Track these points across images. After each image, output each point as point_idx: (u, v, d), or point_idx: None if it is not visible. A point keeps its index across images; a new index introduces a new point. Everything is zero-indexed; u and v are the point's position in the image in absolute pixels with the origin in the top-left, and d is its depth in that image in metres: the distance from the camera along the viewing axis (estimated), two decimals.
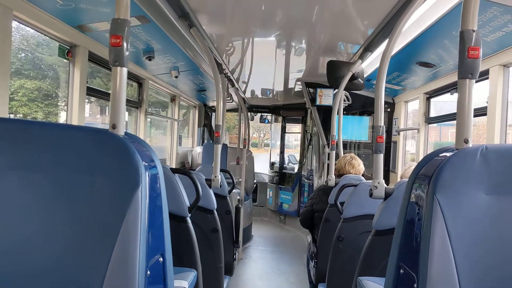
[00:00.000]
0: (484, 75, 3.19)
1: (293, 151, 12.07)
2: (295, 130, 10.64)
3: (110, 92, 1.47)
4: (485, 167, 1.21)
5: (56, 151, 1.30)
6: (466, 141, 1.35)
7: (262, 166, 10.62)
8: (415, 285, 1.22)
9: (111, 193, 1.26)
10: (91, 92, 3.66)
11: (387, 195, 2.42)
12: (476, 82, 1.40)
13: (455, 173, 1.21)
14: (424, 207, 1.24)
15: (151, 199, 1.31)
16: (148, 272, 1.29)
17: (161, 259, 1.41)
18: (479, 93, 3.39)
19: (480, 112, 3.34)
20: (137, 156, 1.27)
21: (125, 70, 1.45)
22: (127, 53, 1.44)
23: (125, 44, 1.43)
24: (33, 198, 1.29)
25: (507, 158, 1.23)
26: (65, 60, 3.27)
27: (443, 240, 1.18)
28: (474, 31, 1.37)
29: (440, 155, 1.33)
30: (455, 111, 1.42)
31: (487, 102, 3.20)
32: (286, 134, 9.99)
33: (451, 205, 1.20)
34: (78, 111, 3.29)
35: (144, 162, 1.29)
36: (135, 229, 1.23)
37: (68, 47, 3.22)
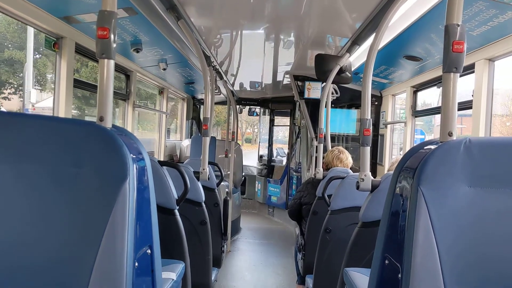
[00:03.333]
0: (470, 69, 3.23)
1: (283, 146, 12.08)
2: (283, 123, 10.66)
3: (97, 84, 1.46)
4: (468, 160, 1.24)
5: (43, 143, 1.30)
6: (450, 134, 1.37)
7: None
8: (399, 276, 1.24)
9: (98, 186, 1.26)
10: (78, 84, 3.63)
11: (374, 187, 2.44)
12: (462, 76, 1.42)
13: (439, 166, 1.23)
14: (409, 199, 1.25)
15: (139, 191, 1.32)
16: (136, 264, 1.29)
17: (149, 251, 1.42)
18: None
19: (466, 105, 3.38)
20: (125, 148, 1.27)
21: (112, 62, 1.44)
22: (114, 45, 1.44)
23: (112, 36, 1.43)
24: (20, 190, 1.29)
25: (489, 151, 1.25)
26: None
27: (427, 232, 1.20)
28: (458, 25, 1.39)
29: (425, 147, 1.35)
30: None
31: (472, 95, 3.24)
32: (274, 127, 10.01)
33: (435, 197, 1.22)
34: (65, 104, 3.26)
35: (131, 155, 1.29)
36: (123, 222, 1.23)
37: (55, 39, 3.19)
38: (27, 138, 1.30)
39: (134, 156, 1.31)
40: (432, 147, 1.29)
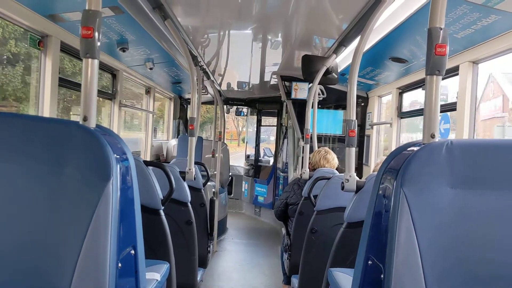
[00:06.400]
0: (454, 71, 3.27)
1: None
2: (270, 123, 10.68)
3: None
4: (450, 161, 1.25)
5: (26, 143, 1.29)
6: (433, 136, 1.39)
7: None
8: (382, 276, 1.26)
9: (82, 185, 1.26)
10: (63, 83, 3.60)
11: (359, 188, 2.46)
12: (447, 78, 1.43)
13: (421, 167, 1.25)
14: (392, 200, 1.27)
15: (123, 191, 1.31)
16: (119, 264, 1.29)
17: (132, 251, 1.41)
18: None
19: (450, 107, 3.42)
20: (108, 148, 1.27)
21: (96, 62, 1.44)
22: (98, 44, 1.43)
23: (96, 36, 1.42)
24: (1, 189, 1.27)
25: (471, 153, 1.27)
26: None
27: (409, 232, 1.21)
28: (441, 28, 1.40)
29: (408, 149, 1.36)
30: None
31: (456, 97, 3.28)
32: (261, 127, 10.03)
33: (417, 198, 1.23)
34: (50, 103, 3.23)
35: (115, 155, 1.29)
36: (106, 222, 1.23)
37: (40, 37, 3.15)
38: (9, 137, 1.29)
39: (118, 156, 1.30)
40: (415, 148, 1.30)
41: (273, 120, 9.91)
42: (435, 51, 1.39)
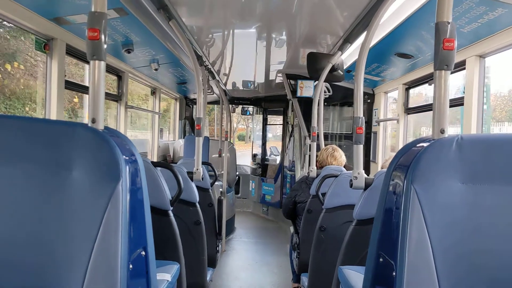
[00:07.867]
0: (461, 65, 3.24)
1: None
2: (276, 122, 10.67)
3: (88, 86, 1.45)
4: (460, 157, 1.24)
5: (34, 145, 1.29)
6: (442, 131, 1.38)
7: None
8: (394, 273, 1.25)
9: (91, 188, 1.26)
10: (69, 86, 3.61)
11: (367, 185, 2.45)
12: (453, 73, 1.42)
13: (432, 163, 1.24)
14: (402, 197, 1.26)
15: (132, 193, 1.31)
16: (131, 266, 1.29)
17: (143, 252, 1.41)
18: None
19: (457, 102, 3.40)
20: (117, 150, 1.27)
21: (103, 63, 1.44)
22: (105, 46, 1.43)
23: (103, 37, 1.42)
24: (11, 192, 1.28)
25: (481, 147, 1.26)
26: None
27: (420, 229, 1.20)
28: (449, 23, 1.39)
29: (418, 145, 1.35)
30: None
31: (463, 92, 3.26)
32: (268, 125, 10.02)
33: (428, 194, 1.22)
34: (56, 106, 3.24)
35: (124, 156, 1.29)
36: (116, 223, 1.23)
37: (45, 40, 3.17)
38: (18, 140, 1.29)
39: (126, 158, 1.30)
40: (425, 144, 1.29)
41: (279, 119, 9.89)
42: (443, 46, 1.38)
